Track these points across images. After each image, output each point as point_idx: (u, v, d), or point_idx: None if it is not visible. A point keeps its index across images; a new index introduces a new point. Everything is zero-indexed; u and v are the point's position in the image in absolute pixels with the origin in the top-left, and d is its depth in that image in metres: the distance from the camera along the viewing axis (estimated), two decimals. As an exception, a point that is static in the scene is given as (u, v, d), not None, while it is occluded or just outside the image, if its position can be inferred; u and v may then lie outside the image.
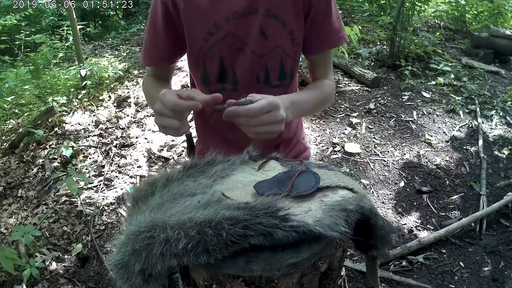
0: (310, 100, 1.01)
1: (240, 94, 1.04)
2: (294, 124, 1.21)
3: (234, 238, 0.59)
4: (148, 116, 3.53)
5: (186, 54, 1.07)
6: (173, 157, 3.01)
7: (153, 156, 3.02)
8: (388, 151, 3.13)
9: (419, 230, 2.44)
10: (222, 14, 0.94)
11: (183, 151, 3.06)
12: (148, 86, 1.09)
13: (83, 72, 3.84)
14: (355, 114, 3.57)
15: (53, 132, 3.29)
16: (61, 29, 4.64)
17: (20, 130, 3.25)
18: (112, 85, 3.97)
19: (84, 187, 2.71)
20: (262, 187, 0.72)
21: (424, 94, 3.97)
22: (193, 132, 1.29)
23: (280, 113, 0.79)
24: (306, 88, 1.07)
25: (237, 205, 0.64)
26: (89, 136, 3.24)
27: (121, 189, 2.72)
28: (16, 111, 3.67)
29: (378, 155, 3.08)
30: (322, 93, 1.05)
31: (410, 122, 3.50)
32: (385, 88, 4.08)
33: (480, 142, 3.26)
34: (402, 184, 2.81)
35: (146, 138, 3.23)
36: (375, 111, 3.64)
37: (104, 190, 2.72)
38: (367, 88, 4.05)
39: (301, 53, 1.07)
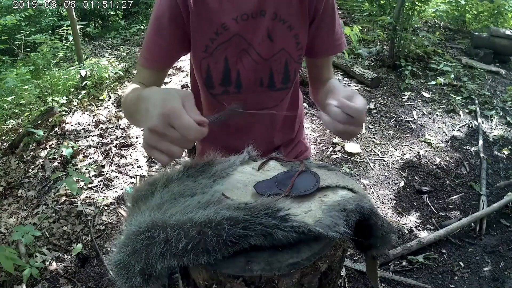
0: None
1: (242, 98, 1.04)
2: (296, 125, 1.22)
3: (234, 239, 0.59)
4: (148, 116, 3.53)
5: (190, 54, 1.05)
6: (173, 157, 3.01)
7: (153, 156, 3.02)
8: (388, 151, 3.13)
9: (419, 230, 2.44)
10: (230, 15, 0.93)
11: (183, 151, 3.06)
12: (133, 91, 0.89)
13: (83, 72, 3.83)
14: (355, 114, 3.56)
15: (53, 132, 3.29)
16: (61, 29, 4.64)
17: (20, 130, 3.25)
18: (112, 85, 3.97)
19: (84, 187, 2.71)
20: (262, 187, 0.72)
21: (424, 94, 3.97)
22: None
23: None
24: (332, 87, 1.03)
25: (237, 206, 0.64)
26: (89, 136, 3.24)
27: (121, 189, 2.72)
28: (16, 111, 3.67)
29: (378, 155, 3.08)
30: None
31: (410, 122, 3.50)
32: (385, 88, 4.08)
33: (480, 142, 3.26)
34: (402, 184, 2.81)
35: (146, 138, 3.23)
36: (375, 111, 3.64)
37: (104, 190, 2.72)
38: (367, 88, 4.05)
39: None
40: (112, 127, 3.36)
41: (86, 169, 2.86)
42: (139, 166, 2.93)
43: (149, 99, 0.65)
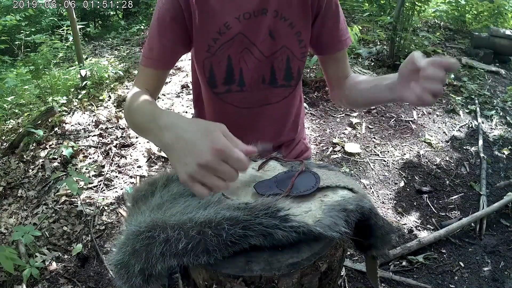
0: None
1: (245, 95, 1.04)
2: (299, 125, 1.22)
3: (234, 239, 0.59)
4: (148, 116, 3.53)
5: (191, 54, 1.05)
6: (173, 157, 3.01)
7: (153, 156, 3.02)
8: (388, 151, 3.13)
9: (419, 230, 2.44)
10: (232, 14, 0.93)
11: (183, 151, 3.06)
12: (141, 101, 0.86)
13: (83, 72, 3.84)
14: (355, 114, 3.57)
15: (53, 132, 3.29)
16: (61, 29, 4.64)
17: (20, 130, 3.25)
18: (112, 85, 3.97)
19: (84, 187, 2.71)
20: (262, 187, 0.72)
21: (424, 94, 3.97)
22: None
23: None
24: (363, 79, 1.06)
25: (237, 206, 0.64)
26: (89, 136, 3.24)
27: (121, 189, 2.72)
28: (16, 111, 3.67)
29: (378, 155, 3.08)
30: None
31: (410, 122, 3.50)
32: (385, 88, 4.08)
33: (480, 142, 3.26)
34: (402, 184, 2.81)
35: (146, 138, 3.23)
36: (375, 111, 3.64)
37: (104, 190, 2.72)
38: (367, 88, 4.04)
39: (308, 55, 1.08)
40: (112, 127, 3.36)
41: (86, 169, 2.86)
42: (139, 166, 2.93)
43: (179, 129, 0.66)
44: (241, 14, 0.93)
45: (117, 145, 3.15)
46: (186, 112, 3.45)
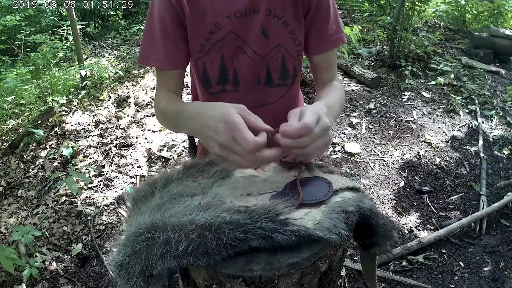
0: (337, 102, 0.97)
1: (241, 95, 1.04)
2: None
3: (234, 242, 0.59)
4: (148, 116, 3.53)
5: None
6: (173, 157, 3.01)
7: (153, 156, 3.02)
8: (388, 151, 3.13)
9: (419, 230, 2.44)
10: (223, 13, 0.93)
11: (183, 151, 3.07)
12: (176, 106, 0.95)
13: (83, 72, 3.84)
14: (355, 114, 3.56)
15: (53, 132, 3.29)
16: (61, 29, 4.64)
17: (20, 130, 3.25)
18: (112, 85, 3.97)
19: (84, 187, 2.71)
20: (277, 199, 0.71)
21: (424, 94, 3.97)
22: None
23: (329, 135, 0.72)
24: (324, 93, 1.02)
25: (237, 209, 0.64)
26: (89, 136, 3.24)
27: (121, 189, 2.72)
28: (16, 111, 3.67)
29: (378, 155, 3.08)
30: (341, 95, 1.03)
31: (410, 122, 3.50)
32: (385, 88, 4.08)
33: (480, 142, 3.26)
34: (402, 184, 2.81)
35: (146, 138, 3.23)
36: (375, 111, 3.64)
37: (104, 190, 2.72)
38: (367, 88, 4.05)
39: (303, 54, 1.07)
40: (112, 127, 3.36)
41: (86, 169, 2.86)
42: (139, 166, 2.93)
43: (205, 115, 0.75)
44: (232, 13, 0.93)
45: (117, 145, 3.15)
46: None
